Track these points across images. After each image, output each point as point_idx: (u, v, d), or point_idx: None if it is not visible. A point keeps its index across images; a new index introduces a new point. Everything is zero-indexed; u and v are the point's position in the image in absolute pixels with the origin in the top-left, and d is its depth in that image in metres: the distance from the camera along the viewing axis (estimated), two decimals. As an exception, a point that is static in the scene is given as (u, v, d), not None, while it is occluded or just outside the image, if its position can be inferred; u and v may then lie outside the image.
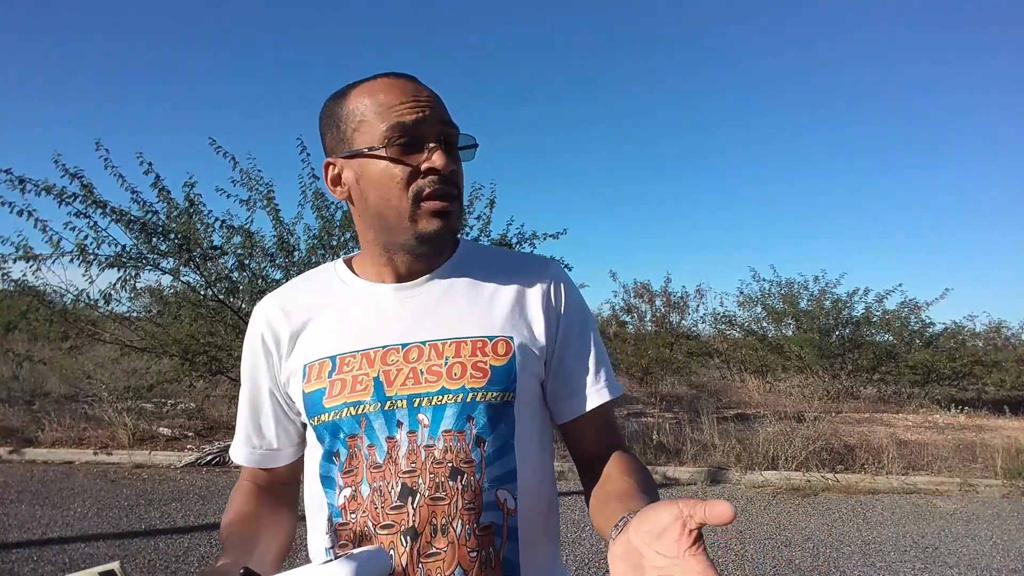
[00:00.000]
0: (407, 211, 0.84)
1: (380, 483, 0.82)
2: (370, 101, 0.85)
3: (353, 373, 0.86)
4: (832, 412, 9.60)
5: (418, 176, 0.84)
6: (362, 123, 0.85)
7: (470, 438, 0.83)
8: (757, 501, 5.58)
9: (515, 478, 0.85)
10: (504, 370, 0.85)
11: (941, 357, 11.44)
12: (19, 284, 6.18)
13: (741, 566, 4.05)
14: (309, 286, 0.98)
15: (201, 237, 6.12)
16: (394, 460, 0.82)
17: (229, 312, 6.68)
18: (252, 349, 0.96)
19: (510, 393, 0.86)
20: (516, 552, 0.84)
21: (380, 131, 0.83)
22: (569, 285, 0.96)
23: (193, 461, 6.14)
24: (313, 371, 0.89)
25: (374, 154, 0.84)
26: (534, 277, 0.94)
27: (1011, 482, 5.93)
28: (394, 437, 0.83)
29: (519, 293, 0.92)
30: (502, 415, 0.85)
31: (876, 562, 4.16)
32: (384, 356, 0.86)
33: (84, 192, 5.68)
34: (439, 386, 0.84)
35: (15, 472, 5.81)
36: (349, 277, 0.95)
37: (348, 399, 0.85)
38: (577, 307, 0.95)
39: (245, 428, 0.98)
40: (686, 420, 7.69)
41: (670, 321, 11.61)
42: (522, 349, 0.88)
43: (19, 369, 7.35)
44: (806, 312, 11.88)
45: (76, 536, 4.17)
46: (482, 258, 0.97)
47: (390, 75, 0.86)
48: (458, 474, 0.81)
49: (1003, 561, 4.22)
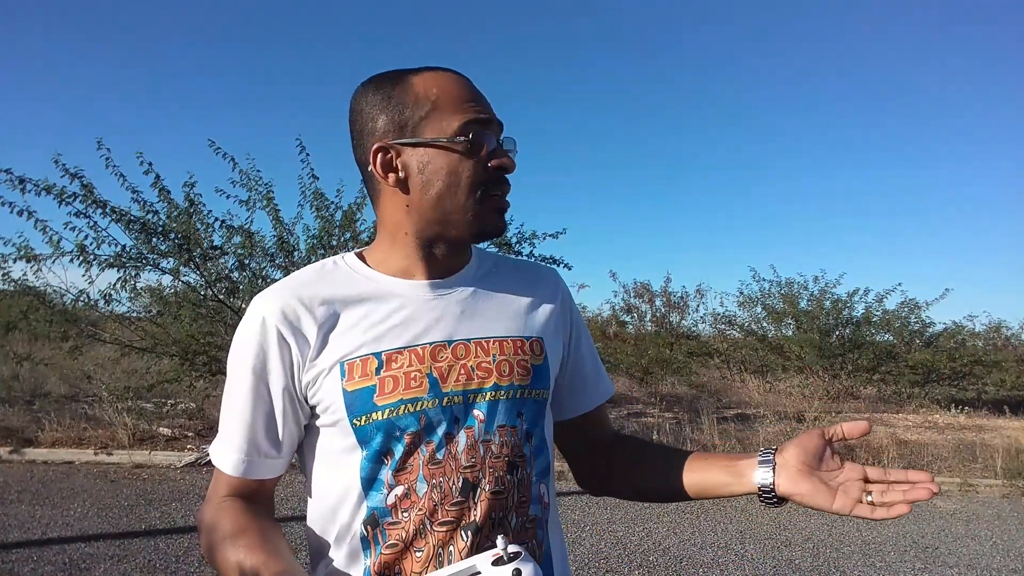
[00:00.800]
0: (472, 207, 0.86)
1: (440, 479, 0.82)
2: (440, 92, 0.85)
3: (404, 370, 0.84)
4: (832, 412, 9.60)
5: (486, 173, 0.86)
6: (433, 112, 0.84)
7: (521, 433, 0.87)
8: (757, 501, 5.56)
9: (550, 472, 0.92)
10: (542, 369, 0.91)
11: (941, 357, 11.45)
12: (19, 284, 6.18)
13: (741, 566, 4.05)
14: (323, 279, 0.90)
15: (201, 237, 6.13)
16: (454, 456, 0.83)
17: (229, 312, 6.68)
18: (260, 345, 0.85)
19: (547, 391, 0.92)
20: (550, 544, 0.90)
21: (455, 125, 0.84)
22: (570, 294, 1.04)
23: (193, 461, 6.14)
24: (355, 368, 0.84)
25: (449, 146, 0.84)
26: (547, 284, 1.00)
27: (1011, 482, 5.93)
28: (452, 433, 0.84)
29: (539, 298, 0.97)
30: (543, 412, 0.92)
31: (876, 562, 4.16)
32: (434, 353, 0.86)
33: (84, 192, 5.69)
34: (491, 382, 0.86)
35: (15, 472, 5.81)
36: (370, 272, 0.91)
37: (404, 396, 0.83)
38: (578, 313, 1.04)
39: (244, 433, 0.86)
40: (686, 420, 7.69)
41: (670, 321, 11.63)
42: (552, 350, 0.94)
43: (19, 369, 7.35)
44: (806, 312, 11.87)
45: (76, 536, 4.17)
46: (495, 262, 1.00)
47: (450, 70, 0.88)
48: (514, 468, 0.85)
49: (1003, 561, 4.23)
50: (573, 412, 1.03)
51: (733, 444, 6.60)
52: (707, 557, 4.19)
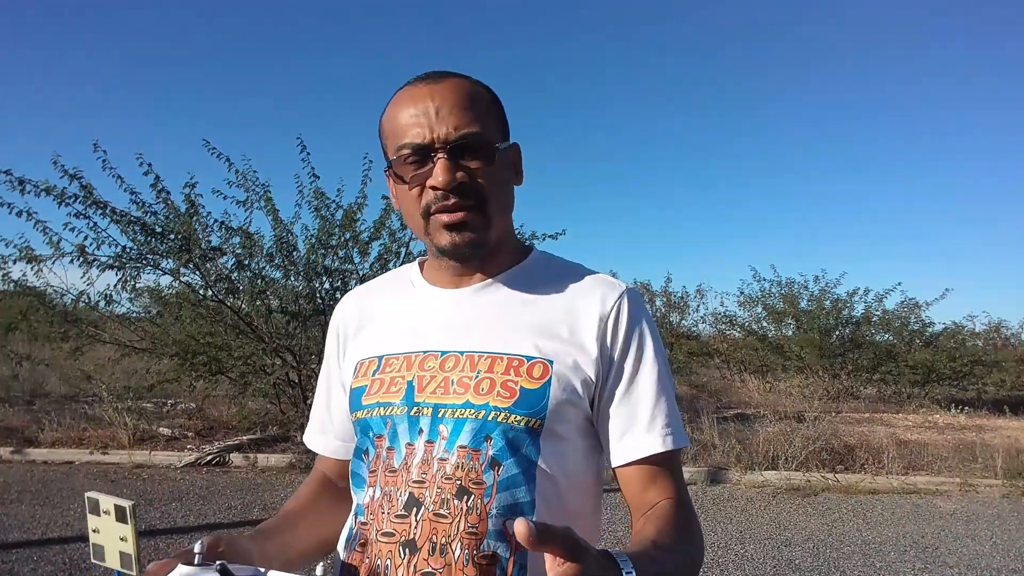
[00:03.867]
0: (423, 226, 0.86)
1: (391, 488, 0.81)
2: (390, 117, 0.86)
3: (392, 375, 0.87)
4: (832, 412, 9.59)
5: (423, 196, 0.84)
6: (388, 139, 0.87)
7: (485, 459, 0.78)
8: (757, 501, 5.58)
9: (531, 511, 0.78)
10: (535, 394, 0.80)
11: (941, 357, 11.45)
12: (19, 284, 6.19)
13: (741, 566, 4.05)
14: (382, 285, 1.02)
15: (200, 238, 6.13)
16: (407, 467, 0.81)
17: (229, 312, 6.68)
18: (329, 342, 1.01)
19: (537, 420, 0.80)
20: None
21: (394, 149, 0.85)
22: (635, 316, 0.87)
23: (193, 461, 6.14)
24: (362, 368, 0.91)
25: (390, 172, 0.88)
26: (596, 303, 0.87)
27: (1011, 482, 5.93)
28: (413, 444, 0.82)
29: (575, 318, 0.86)
30: (524, 441, 0.80)
31: (876, 562, 4.16)
32: (423, 361, 0.86)
33: (84, 193, 5.69)
34: (464, 399, 0.81)
35: (15, 472, 5.82)
36: (416, 278, 0.96)
37: (381, 399, 0.86)
38: (638, 341, 0.86)
39: (320, 417, 1.01)
40: (686, 420, 7.68)
41: (670, 321, 11.63)
42: (561, 377, 0.82)
43: (19, 369, 7.35)
44: (806, 312, 11.88)
45: (76, 536, 4.17)
46: (550, 272, 0.93)
47: (411, 83, 0.86)
48: (465, 494, 0.77)
49: (1003, 561, 4.23)
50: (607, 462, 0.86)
51: (733, 444, 6.60)
52: (707, 557, 4.19)
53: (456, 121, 0.81)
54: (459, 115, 0.82)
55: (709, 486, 6.03)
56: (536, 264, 0.94)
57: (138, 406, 7.30)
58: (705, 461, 6.45)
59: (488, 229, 0.84)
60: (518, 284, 0.90)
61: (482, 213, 0.83)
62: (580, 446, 0.85)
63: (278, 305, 6.68)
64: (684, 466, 6.19)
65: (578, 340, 0.85)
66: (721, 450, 6.56)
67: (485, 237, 0.84)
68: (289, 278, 6.72)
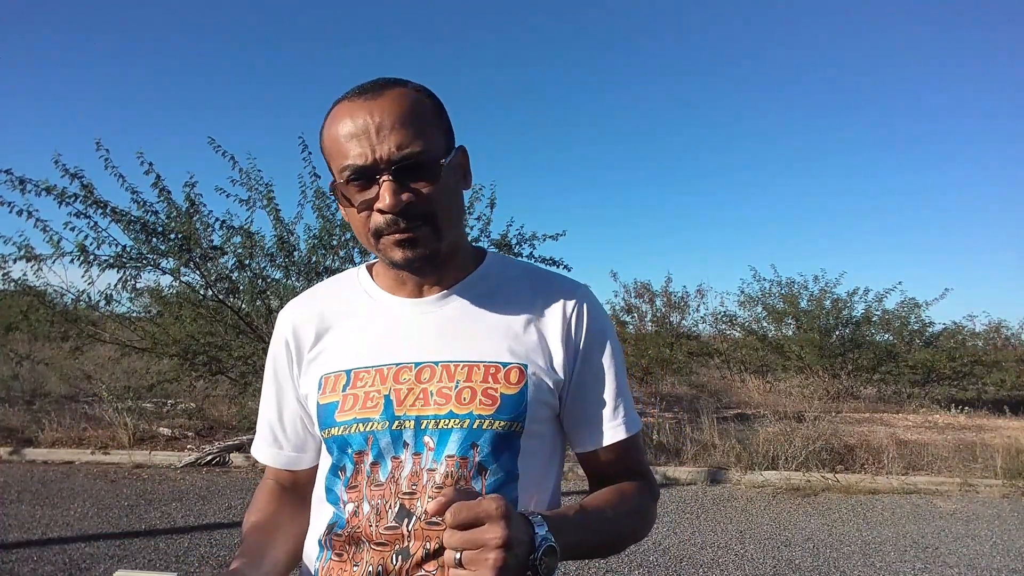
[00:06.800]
0: (373, 245, 0.85)
1: (378, 502, 0.82)
2: (330, 137, 0.83)
3: (365, 389, 0.86)
4: (832, 412, 9.60)
5: (371, 218, 0.82)
6: (330, 160, 0.85)
7: (472, 465, 0.82)
8: (757, 501, 5.58)
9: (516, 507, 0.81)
10: (515, 399, 0.84)
11: (941, 357, 11.44)
12: (20, 284, 6.18)
13: (741, 566, 4.05)
14: (332, 294, 0.98)
15: (201, 237, 6.12)
16: (395, 480, 0.82)
17: (229, 312, 6.68)
18: (276, 353, 0.97)
19: (519, 424, 0.84)
20: None
21: (338, 170, 0.82)
22: (594, 314, 0.93)
23: (193, 461, 6.14)
24: (329, 383, 0.89)
25: (336, 192, 0.85)
26: (557, 304, 0.91)
27: (1011, 482, 5.93)
28: (399, 457, 0.83)
29: (539, 320, 0.90)
30: (508, 445, 0.84)
31: (876, 562, 4.16)
32: (397, 374, 0.86)
33: (84, 192, 5.69)
34: (447, 410, 0.83)
35: (15, 472, 5.82)
36: (371, 287, 0.95)
37: (359, 415, 0.85)
38: (599, 337, 0.92)
39: (270, 428, 0.99)
40: (686, 420, 7.68)
41: (671, 321, 11.60)
42: (535, 379, 0.86)
43: (19, 369, 7.35)
44: (806, 312, 11.88)
45: (76, 536, 4.18)
46: (507, 276, 0.95)
47: (347, 98, 0.83)
48: None
49: (1003, 561, 4.22)
50: (574, 448, 0.94)
51: (733, 444, 6.60)
52: (707, 557, 4.19)
53: (398, 139, 0.79)
54: (400, 133, 0.80)
55: (709, 486, 6.03)
56: (493, 268, 0.95)
57: (138, 406, 7.29)
58: (705, 461, 6.45)
59: (439, 241, 0.84)
60: (480, 290, 0.92)
61: (432, 227, 0.83)
62: (549, 438, 0.91)
63: (279, 305, 6.67)
64: (684, 466, 6.28)
65: (545, 341, 0.89)
66: (721, 450, 6.56)
67: (436, 248, 0.85)
68: (290, 278, 6.72)
